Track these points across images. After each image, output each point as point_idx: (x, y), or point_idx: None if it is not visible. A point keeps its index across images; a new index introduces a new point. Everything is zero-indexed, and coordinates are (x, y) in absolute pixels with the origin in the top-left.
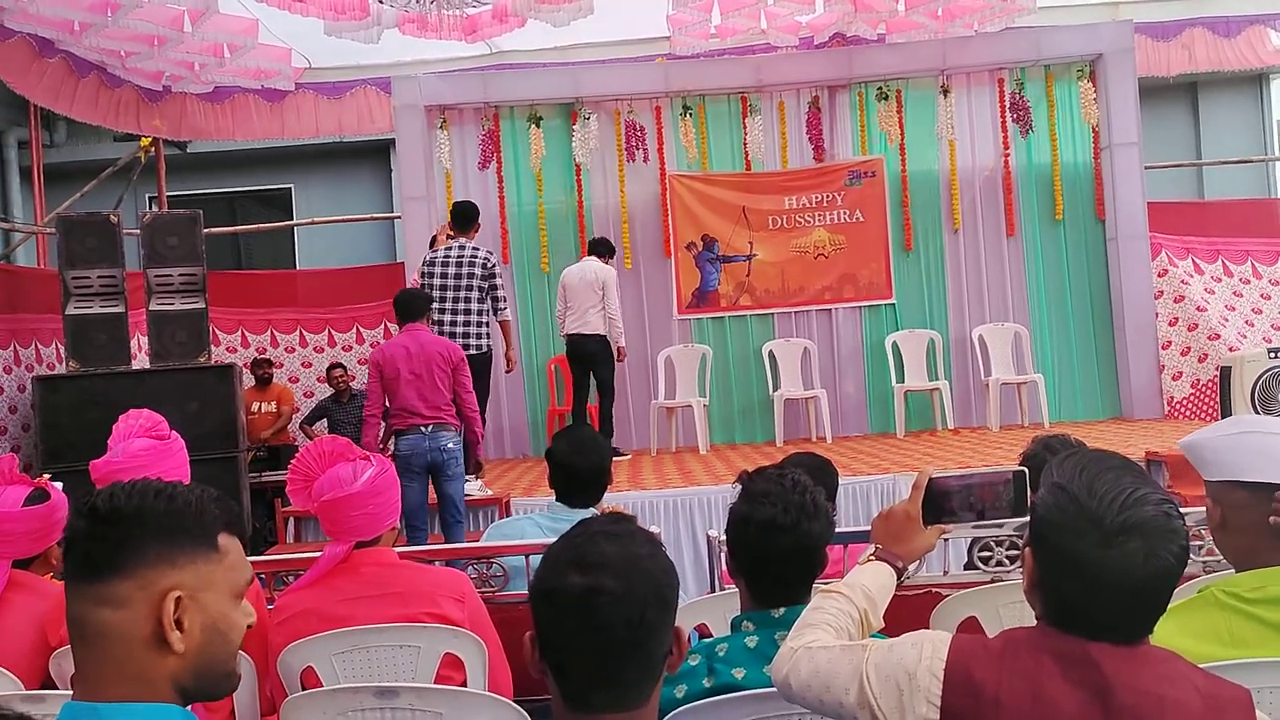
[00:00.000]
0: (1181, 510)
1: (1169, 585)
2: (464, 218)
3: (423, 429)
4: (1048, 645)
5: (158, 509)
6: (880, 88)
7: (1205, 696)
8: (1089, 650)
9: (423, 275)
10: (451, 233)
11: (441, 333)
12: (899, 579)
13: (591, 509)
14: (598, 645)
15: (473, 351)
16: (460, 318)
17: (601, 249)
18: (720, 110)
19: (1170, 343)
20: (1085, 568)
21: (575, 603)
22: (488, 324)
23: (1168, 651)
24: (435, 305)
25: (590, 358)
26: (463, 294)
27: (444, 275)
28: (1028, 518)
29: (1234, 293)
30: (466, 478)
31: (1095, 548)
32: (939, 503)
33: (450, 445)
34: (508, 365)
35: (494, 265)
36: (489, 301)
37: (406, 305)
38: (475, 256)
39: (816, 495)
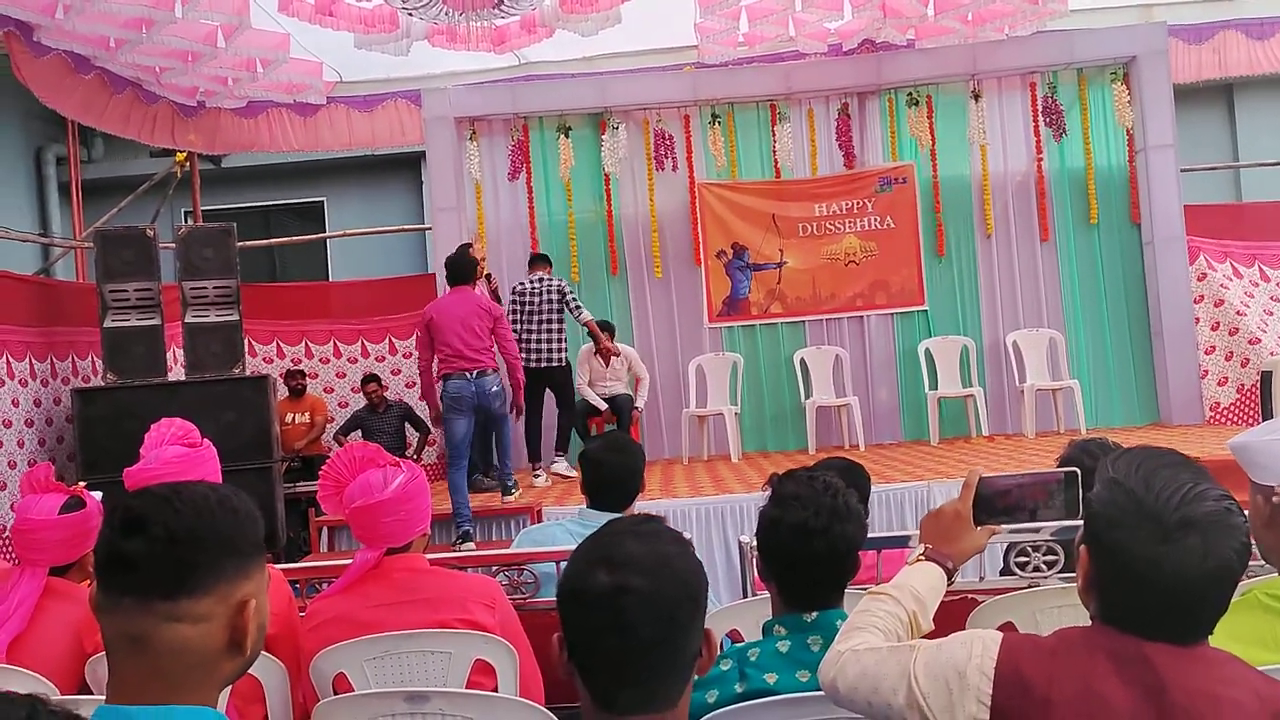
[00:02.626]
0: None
1: (1229, 583)
2: (543, 258)
3: (467, 374)
4: (1102, 644)
5: (228, 524)
6: (910, 93)
7: (1264, 699)
8: (1144, 649)
9: (514, 305)
10: (531, 270)
11: (532, 349)
12: (949, 579)
13: (621, 515)
14: (625, 645)
15: (558, 364)
16: (545, 337)
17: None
18: (749, 118)
19: (1214, 348)
20: (1142, 564)
21: (602, 602)
22: (565, 340)
23: (1226, 653)
24: (526, 328)
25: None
26: (547, 318)
27: (534, 305)
28: (1072, 520)
29: (1271, 297)
30: (555, 456)
31: (1153, 544)
32: (990, 502)
33: (494, 389)
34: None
35: (567, 288)
36: (567, 315)
37: (458, 267)
38: (553, 287)
39: (848, 497)
